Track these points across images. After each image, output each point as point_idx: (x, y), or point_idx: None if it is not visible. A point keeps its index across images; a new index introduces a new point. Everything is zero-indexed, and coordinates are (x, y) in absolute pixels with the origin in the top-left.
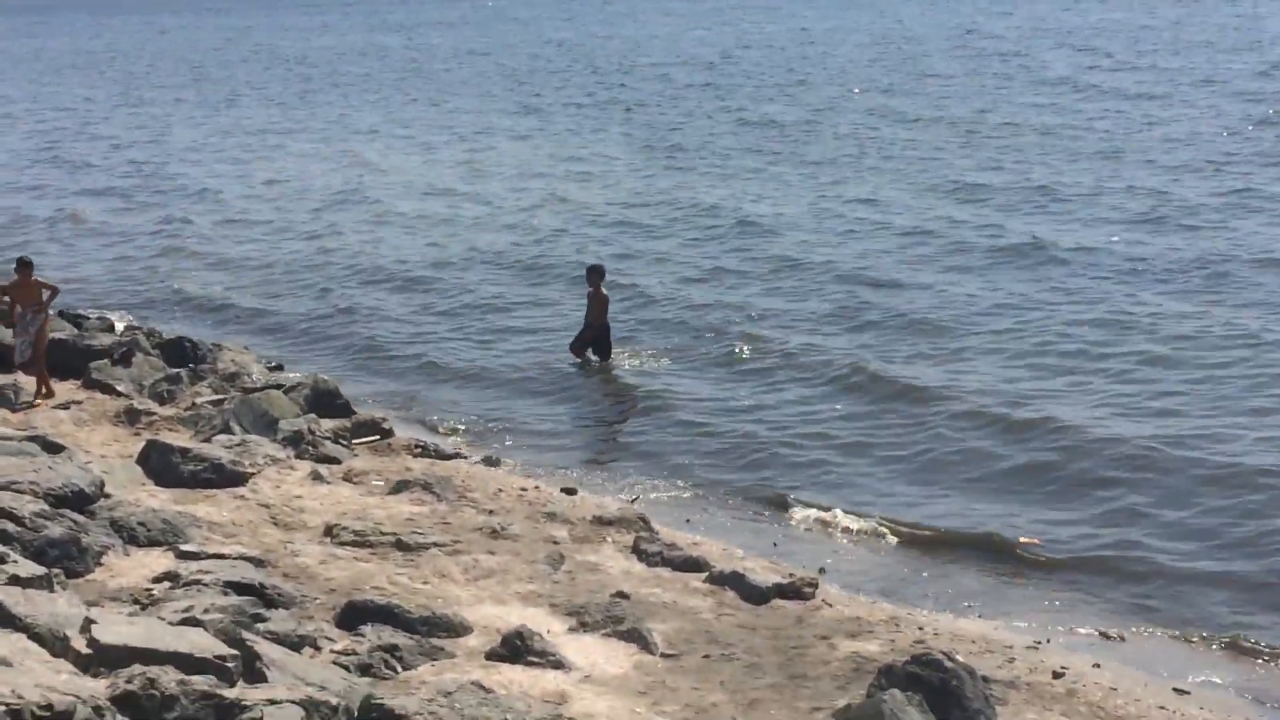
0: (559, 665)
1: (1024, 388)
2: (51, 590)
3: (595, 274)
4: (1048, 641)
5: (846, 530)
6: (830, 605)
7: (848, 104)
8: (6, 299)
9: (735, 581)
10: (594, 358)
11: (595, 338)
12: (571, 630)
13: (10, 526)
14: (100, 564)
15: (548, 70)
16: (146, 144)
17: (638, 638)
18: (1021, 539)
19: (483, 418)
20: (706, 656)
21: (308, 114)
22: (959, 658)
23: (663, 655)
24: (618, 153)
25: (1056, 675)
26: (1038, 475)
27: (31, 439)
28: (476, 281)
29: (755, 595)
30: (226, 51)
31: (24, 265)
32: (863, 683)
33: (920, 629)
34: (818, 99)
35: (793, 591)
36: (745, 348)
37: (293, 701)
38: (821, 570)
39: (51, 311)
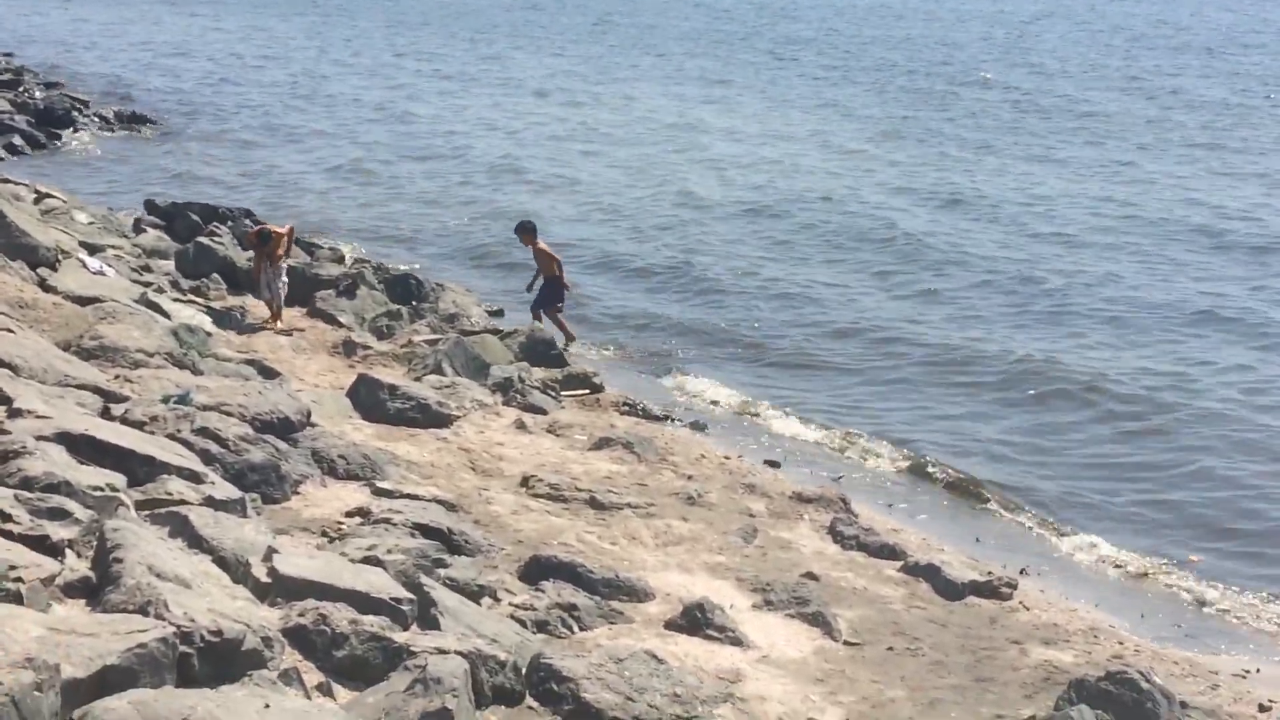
0: (737, 642)
1: None
2: (244, 515)
3: (525, 231)
4: (1258, 671)
5: (1052, 531)
6: (1027, 609)
7: None
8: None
9: (930, 574)
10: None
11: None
12: (755, 607)
13: (214, 447)
14: (297, 493)
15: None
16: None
17: (821, 622)
18: (1190, 557)
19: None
20: (890, 649)
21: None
22: (1157, 679)
23: (845, 643)
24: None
25: (1263, 708)
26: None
27: (249, 362)
28: (727, 245)
29: (950, 590)
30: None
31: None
32: (1051, 693)
33: (1120, 644)
34: None
35: (989, 590)
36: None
37: (460, 653)
38: (1023, 571)
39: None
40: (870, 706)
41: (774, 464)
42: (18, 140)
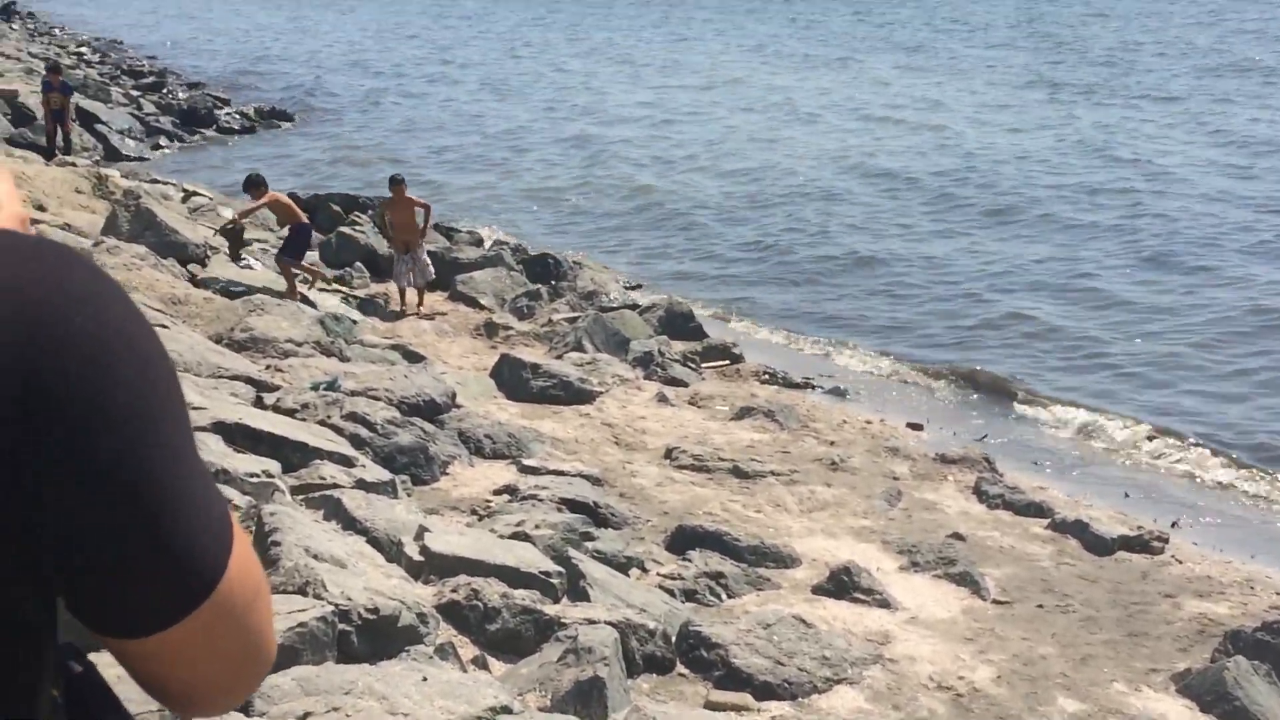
0: (885, 604)
1: None
2: (395, 496)
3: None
4: None
5: (1205, 481)
6: (1180, 562)
7: None
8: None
9: (1078, 530)
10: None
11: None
12: (902, 569)
13: (363, 431)
14: (446, 473)
15: None
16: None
17: (969, 581)
18: None
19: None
20: (1040, 606)
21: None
22: None
23: (994, 601)
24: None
25: None
26: None
27: (394, 348)
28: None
29: (1099, 546)
30: None
31: (396, 182)
32: (1207, 646)
33: (1278, 594)
34: None
35: (1140, 544)
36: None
37: (610, 623)
38: (1174, 524)
39: (429, 230)
40: (1021, 664)
41: (917, 426)
42: (164, 141)
